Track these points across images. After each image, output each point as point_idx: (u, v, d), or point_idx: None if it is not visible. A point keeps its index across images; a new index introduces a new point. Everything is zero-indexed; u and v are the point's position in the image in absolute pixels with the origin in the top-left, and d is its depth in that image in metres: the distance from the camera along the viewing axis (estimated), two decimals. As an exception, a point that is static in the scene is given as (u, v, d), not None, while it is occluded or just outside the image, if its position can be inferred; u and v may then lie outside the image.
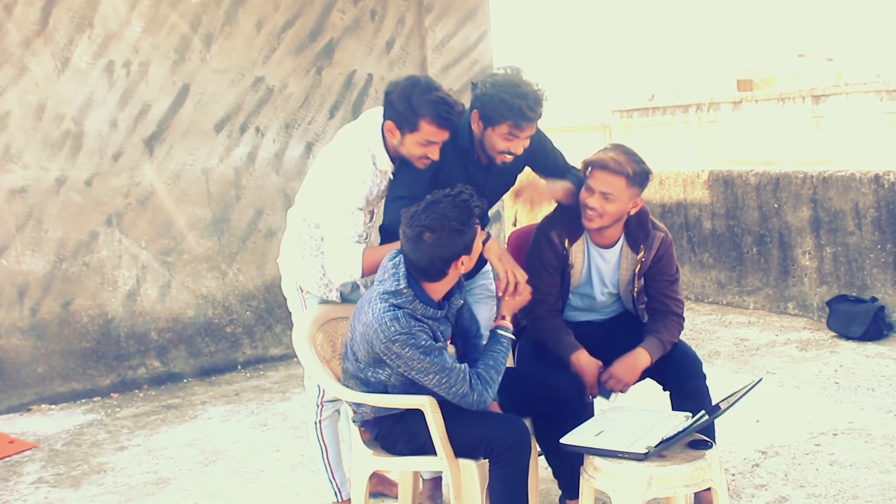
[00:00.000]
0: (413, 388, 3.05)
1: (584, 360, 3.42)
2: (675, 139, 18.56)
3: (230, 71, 6.27)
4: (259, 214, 6.44)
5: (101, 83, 5.84)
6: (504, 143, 3.33)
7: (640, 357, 3.40)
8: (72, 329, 5.83)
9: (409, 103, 3.25)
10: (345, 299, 3.65)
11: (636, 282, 3.54)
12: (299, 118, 6.57)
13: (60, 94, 5.72)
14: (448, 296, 3.11)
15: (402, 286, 2.95)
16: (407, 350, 2.90)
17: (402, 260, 3.02)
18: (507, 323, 3.19)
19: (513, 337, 3.18)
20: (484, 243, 3.16)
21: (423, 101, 3.24)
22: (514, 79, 3.31)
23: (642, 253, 3.44)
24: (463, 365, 2.98)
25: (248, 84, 6.34)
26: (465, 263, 2.99)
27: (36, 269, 5.70)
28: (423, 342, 2.91)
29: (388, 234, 3.46)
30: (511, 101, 3.24)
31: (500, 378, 3.05)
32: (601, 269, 3.51)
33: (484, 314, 3.63)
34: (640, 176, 3.40)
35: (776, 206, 6.92)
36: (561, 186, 3.53)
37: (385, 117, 3.36)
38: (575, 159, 3.76)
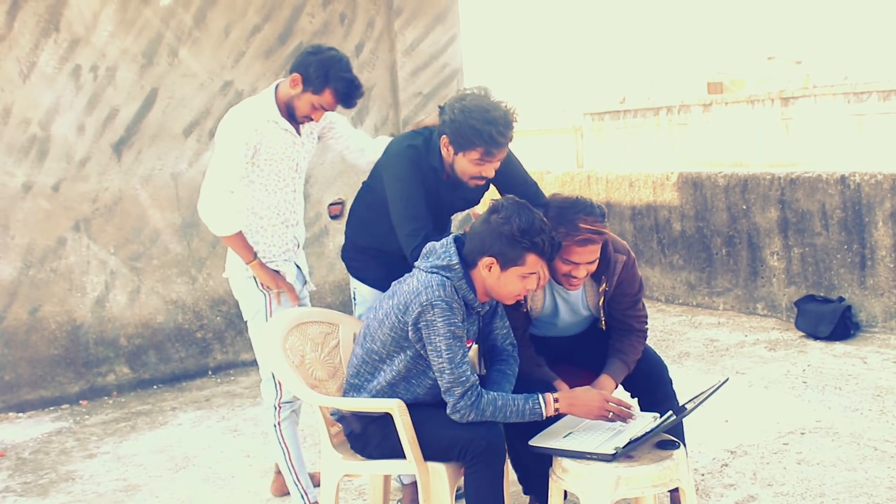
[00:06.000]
0: (415, 379, 3.07)
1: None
2: (646, 141, 18.67)
3: (199, 75, 6.24)
4: (229, 219, 6.41)
5: (68, 88, 5.80)
6: (475, 168, 3.31)
7: (607, 384, 3.38)
8: (40, 336, 5.78)
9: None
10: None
11: (602, 306, 3.51)
12: (269, 122, 6.54)
13: (26, 99, 5.67)
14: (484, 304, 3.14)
15: (454, 262, 3.00)
16: (440, 321, 2.92)
17: (454, 242, 3.06)
18: (552, 405, 3.01)
19: (541, 417, 3.00)
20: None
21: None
22: (484, 103, 3.23)
23: (604, 285, 3.40)
24: (474, 376, 2.97)
25: (217, 88, 6.31)
26: (492, 271, 2.98)
27: (3, 276, 5.65)
28: (455, 324, 2.94)
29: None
30: (482, 128, 3.19)
31: (494, 420, 2.98)
32: (567, 302, 3.47)
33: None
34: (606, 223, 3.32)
35: (745, 207, 6.98)
36: None
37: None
38: (547, 163, 3.73)
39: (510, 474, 3.59)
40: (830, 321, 6.11)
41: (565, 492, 3.11)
